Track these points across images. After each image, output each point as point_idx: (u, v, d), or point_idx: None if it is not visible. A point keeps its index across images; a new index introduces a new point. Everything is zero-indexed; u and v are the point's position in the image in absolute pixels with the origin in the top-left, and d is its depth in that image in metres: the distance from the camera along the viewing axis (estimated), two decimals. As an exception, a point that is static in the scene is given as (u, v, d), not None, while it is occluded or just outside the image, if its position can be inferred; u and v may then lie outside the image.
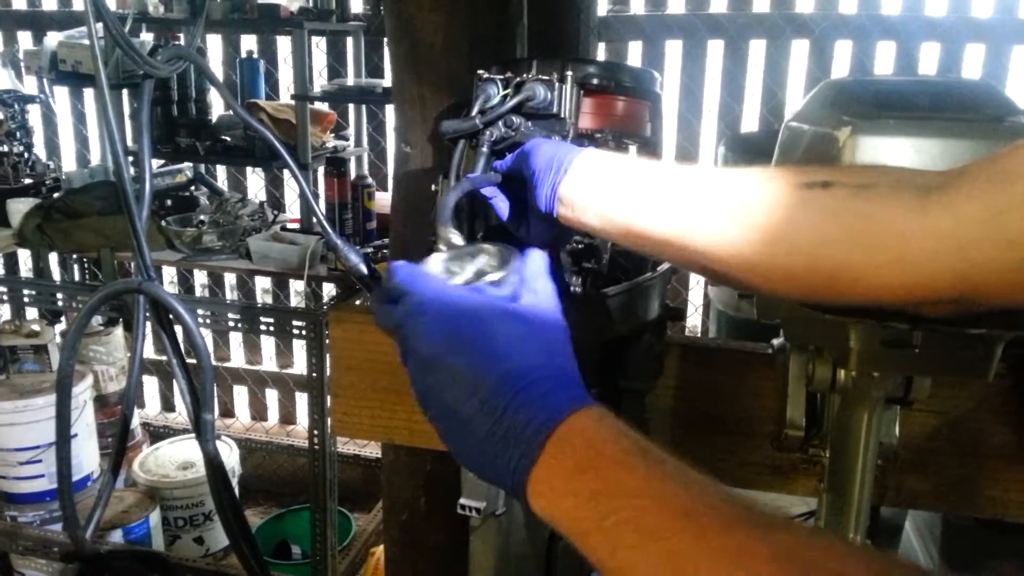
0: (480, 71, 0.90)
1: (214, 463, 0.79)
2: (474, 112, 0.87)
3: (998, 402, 1.16)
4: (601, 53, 3.07)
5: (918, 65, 2.86)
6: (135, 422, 3.27)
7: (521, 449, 0.51)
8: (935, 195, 0.57)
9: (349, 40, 3.26)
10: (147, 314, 0.88)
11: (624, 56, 3.11)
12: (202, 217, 2.92)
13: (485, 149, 0.85)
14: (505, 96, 0.87)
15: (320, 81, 3.23)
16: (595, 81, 0.91)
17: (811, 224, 0.62)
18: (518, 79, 0.87)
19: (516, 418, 0.52)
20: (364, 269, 0.95)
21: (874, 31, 2.86)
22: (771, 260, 0.64)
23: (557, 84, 0.86)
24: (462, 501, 0.86)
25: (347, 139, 3.26)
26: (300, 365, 3.73)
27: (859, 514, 0.97)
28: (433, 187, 0.92)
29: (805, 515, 1.47)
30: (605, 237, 0.75)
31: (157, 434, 3.53)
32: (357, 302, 2.33)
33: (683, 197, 0.68)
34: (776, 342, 1.10)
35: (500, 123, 0.86)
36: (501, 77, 0.88)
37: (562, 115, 0.87)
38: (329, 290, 3.27)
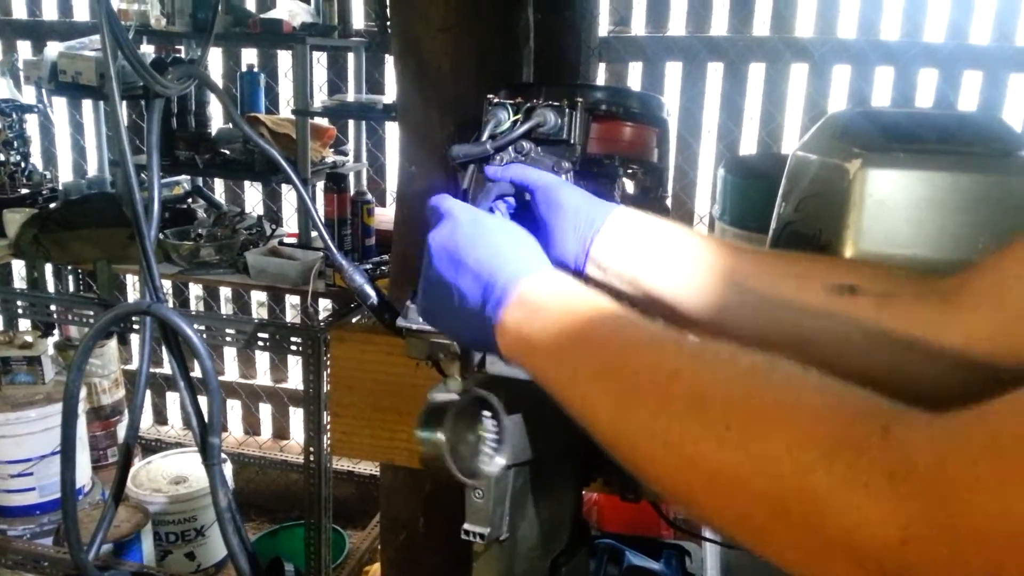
0: (490, 95, 0.90)
1: (220, 487, 0.79)
2: (484, 137, 0.87)
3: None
4: (601, 73, 3.08)
5: (916, 91, 2.88)
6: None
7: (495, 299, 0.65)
8: (950, 308, 0.61)
9: (350, 56, 3.27)
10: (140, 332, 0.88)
11: (624, 77, 3.12)
12: (200, 230, 2.91)
13: (495, 174, 0.85)
14: (515, 122, 0.87)
15: (320, 96, 3.24)
16: (603, 107, 0.91)
17: (840, 333, 0.66)
18: (528, 104, 0.88)
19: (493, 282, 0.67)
20: (369, 290, 0.95)
21: (873, 56, 2.88)
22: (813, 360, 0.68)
23: (567, 110, 0.87)
24: (466, 527, 0.85)
25: (346, 154, 3.25)
26: (295, 380, 3.71)
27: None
28: (441, 211, 0.92)
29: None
30: (630, 301, 0.76)
31: (149, 447, 3.50)
32: (354, 319, 2.32)
33: (715, 284, 0.71)
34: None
35: (510, 148, 0.86)
36: (511, 102, 0.88)
37: (571, 141, 0.87)
38: (326, 305, 3.26)
